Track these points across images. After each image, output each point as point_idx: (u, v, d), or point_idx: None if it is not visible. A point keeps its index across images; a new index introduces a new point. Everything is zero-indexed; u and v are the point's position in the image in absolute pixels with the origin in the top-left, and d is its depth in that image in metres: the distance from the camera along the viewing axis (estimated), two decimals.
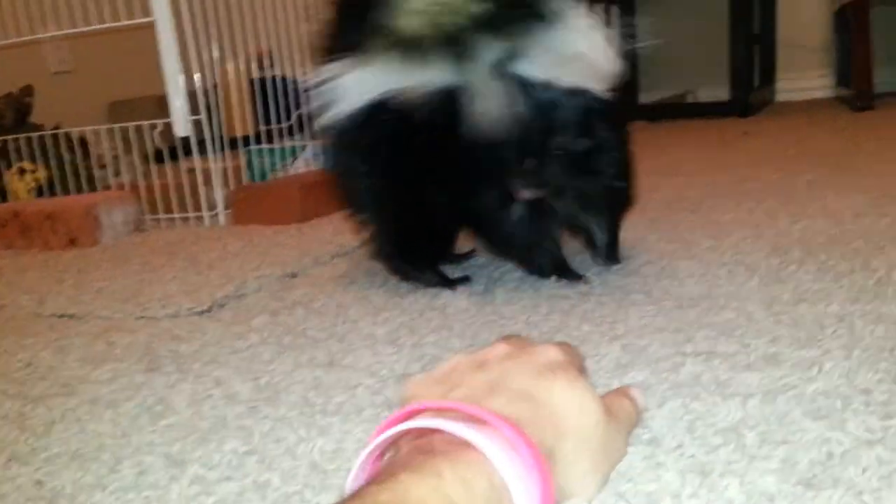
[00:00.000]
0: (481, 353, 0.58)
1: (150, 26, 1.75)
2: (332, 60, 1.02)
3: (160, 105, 1.82)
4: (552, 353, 0.57)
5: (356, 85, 1.00)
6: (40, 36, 1.91)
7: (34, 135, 2.06)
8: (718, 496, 0.54)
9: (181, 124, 1.80)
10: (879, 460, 0.56)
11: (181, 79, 1.78)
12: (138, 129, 1.92)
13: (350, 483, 0.48)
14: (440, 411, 0.49)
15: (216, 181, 1.86)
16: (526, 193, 0.97)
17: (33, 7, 1.87)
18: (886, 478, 0.54)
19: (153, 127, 1.88)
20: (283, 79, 2.23)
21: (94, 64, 3.07)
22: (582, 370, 0.62)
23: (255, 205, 1.78)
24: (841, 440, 0.59)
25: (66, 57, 3.10)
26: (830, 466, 0.55)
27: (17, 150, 2.07)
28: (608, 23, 0.96)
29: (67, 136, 2.06)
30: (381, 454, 0.50)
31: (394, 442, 0.50)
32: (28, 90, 2.48)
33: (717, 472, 0.56)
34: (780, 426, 0.62)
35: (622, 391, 0.63)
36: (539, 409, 0.51)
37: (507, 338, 0.61)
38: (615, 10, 3.62)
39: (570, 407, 0.52)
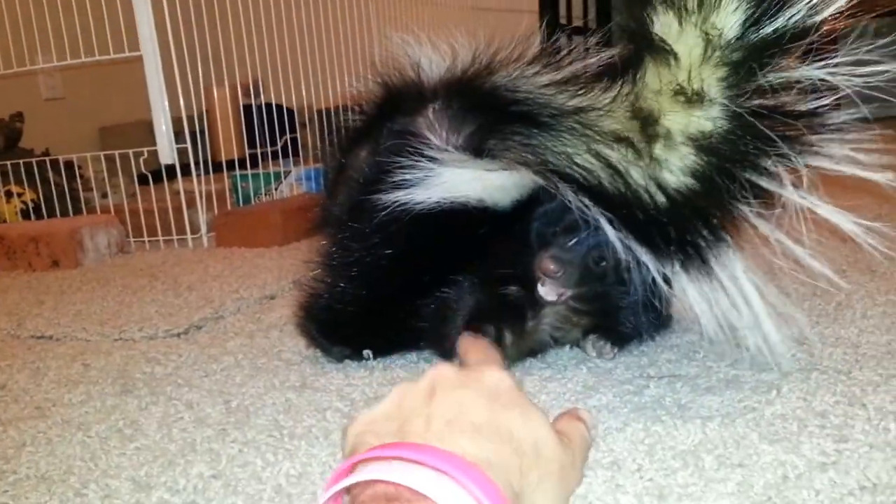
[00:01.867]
0: (426, 379, 0.55)
1: (139, 58, 1.78)
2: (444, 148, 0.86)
3: (150, 130, 1.85)
4: (497, 377, 0.56)
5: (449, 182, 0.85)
6: (33, 67, 1.94)
7: (22, 161, 2.08)
8: None
9: (166, 152, 1.83)
10: (832, 483, 0.57)
11: (167, 110, 1.81)
12: (125, 155, 1.93)
13: None
14: (399, 460, 0.47)
15: (200, 205, 1.88)
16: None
17: (27, 38, 1.90)
18: (838, 501, 0.55)
19: (139, 154, 1.90)
20: (269, 105, 2.25)
21: (85, 90, 3.10)
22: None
23: (237, 228, 1.79)
24: (796, 463, 0.60)
25: (57, 84, 3.12)
26: (785, 489, 0.56)
27: (6, 174, 2.10)
28: None
29: (55, 161, 2.07)
30: (342, 494, 0.49)
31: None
32: (18, 116, 2.49)
33: (674, 496, 0.57)
34: (737, 449, 0.63)
35: (573, 414, 0.62)
36: (502, 447, 0.50)
37: None
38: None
39: (529, 441, 0.52)
